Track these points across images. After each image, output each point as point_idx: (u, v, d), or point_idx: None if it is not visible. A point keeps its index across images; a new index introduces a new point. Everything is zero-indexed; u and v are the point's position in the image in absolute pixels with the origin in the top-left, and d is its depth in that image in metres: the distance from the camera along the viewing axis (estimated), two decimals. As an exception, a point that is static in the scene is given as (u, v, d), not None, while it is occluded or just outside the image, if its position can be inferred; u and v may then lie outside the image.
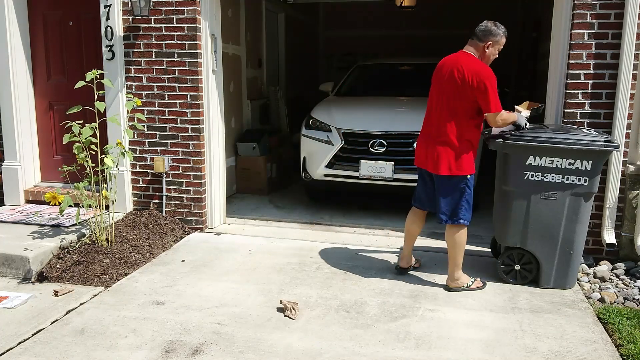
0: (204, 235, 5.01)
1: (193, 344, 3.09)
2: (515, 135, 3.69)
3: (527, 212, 3.75)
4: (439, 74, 3.66)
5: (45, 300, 3.67)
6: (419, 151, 3.81)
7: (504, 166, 3.82)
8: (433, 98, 3.70)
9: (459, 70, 3.51)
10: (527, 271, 3.86)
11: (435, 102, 3.66)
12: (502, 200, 3.90)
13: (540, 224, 3.74)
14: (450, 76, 3.55)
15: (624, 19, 4.05)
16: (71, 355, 2.98)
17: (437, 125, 3.63)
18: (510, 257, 3.88)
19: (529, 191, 3.72)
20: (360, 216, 5.70)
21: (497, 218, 4.07)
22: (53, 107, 5.46)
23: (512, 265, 3.89)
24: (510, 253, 3.88)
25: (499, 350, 3.04)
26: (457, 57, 3.62)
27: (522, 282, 3.88)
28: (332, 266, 4.26)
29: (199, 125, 4.95)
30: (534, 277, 3.86)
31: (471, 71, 3.48)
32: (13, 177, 5.38)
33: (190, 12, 4.77)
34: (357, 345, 3.07)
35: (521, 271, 3.87)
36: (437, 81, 3.67)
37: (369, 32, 10.98)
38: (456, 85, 3.51)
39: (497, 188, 4.04)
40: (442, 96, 3.60)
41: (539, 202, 3.72)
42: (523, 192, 3.74)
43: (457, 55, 3.64)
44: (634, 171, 4.23)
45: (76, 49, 5.30)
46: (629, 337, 3.14)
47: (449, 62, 3.62)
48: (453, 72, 3.54)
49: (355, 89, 6.82)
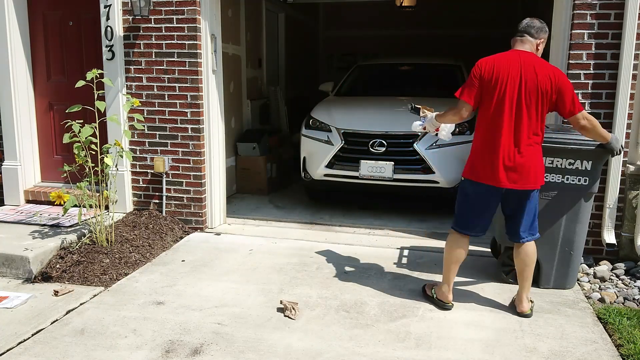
0: (204, 235, 5.01)
1: (193, 344, 3.09)
2: None
3: None
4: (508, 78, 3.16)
5: (45, 300, 3.67)
6: (494, 170, 3.22)
7: None
8: (505, 105, 3.17)
9: (543, 73, 3.15)
10: None
11: (510, 110, 3.17)
12: None
13: (540, 224, 3.73)
14: (532, 81, 3.14)
15: (624, 19, 4.05)
16: (71, 355, 2.98)
17: (518, 135, 3.19)
18: (510, 257, 3.88)
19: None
20: (360, 216, 5.70)
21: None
22: (53, 107, 5.46)
23: (512, 265, 3.88)
24: (510, 253, 3.87)
25: (499, 350, 3.04)
26: (529, 57, 3.20)
27: None
28: (332, 266, 4.26)
29: (199, 125, 4.95)
30: (534, 277, 3.85)
31: (553, 72, 3.16)
32: (13, 177, 5.38)
33: (190, 12, 4.77)
34: (357, 345, 3.07)
35: None
36: (510, 86, 3.16)
37: (369, 32, 10.98)
38: (542, 90, 3.14)
39: None
40: (520, 102, 3.16)
41: (539, 202, 3.71)
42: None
43: (524, 55, 3.22)
44: (634, 171, 4.23)
45: (76, 49, 5.30)
46: (629, 337, 3.14)
47: (524, 64, 3.17)
48: (537, 75, 3.14)
49: (355, 89, 6.82)
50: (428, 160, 5.23)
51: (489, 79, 3.20)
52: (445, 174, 5.24)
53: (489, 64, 3.23)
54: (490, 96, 3.21)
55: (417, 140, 5.27)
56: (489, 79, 3.20)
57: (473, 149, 3.38)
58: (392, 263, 4.34)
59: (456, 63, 6.89)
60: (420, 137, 5.28)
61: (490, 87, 3.20)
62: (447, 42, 10.28)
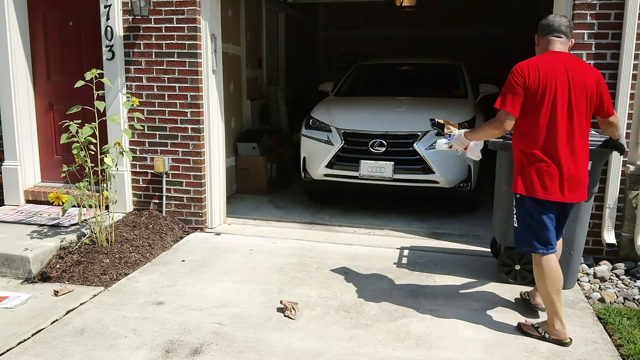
0: (204, 235, 5.01)
1: (193, 344, 3.09)
2: None
3: None
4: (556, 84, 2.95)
5: (45, 300, 3.67)
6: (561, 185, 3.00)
7: (505, 166, 3.81)
8: (557, 114, 2.96)
9: (590, 76, 3.00)
10: (528, 271, 3.85)
11: (562, 118, 2.97)
12: (503, 201, 3.89)
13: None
14: (581, 86, 2.98)
15: (624, 19, 4.05)
16: (71, 355, 2.98)
17: (572, 144, 3.00)
18: (510, 257, 3.88)
19: None
20: (360, 216, 5.70)
21: (497, 218, 4.07)
22: (53, 107, 5.46)
23: (512, 265, 3.89)
24: (510, 253, 3.88)
25: (499, 350, 3.04)
26: (572, 60, 3.02)
27: (523, 282, 3.87)
28: (332, 266, 4.26)
29: (199, 125, 4.95)
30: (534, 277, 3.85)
31: (597, 75, 3.04)
32: (13, 177, 5.38)
33: (190, 12, 4.78)
34: (357, 345, 3.07)
35: (521, 271, 3.87)
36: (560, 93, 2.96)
37: (369, 32, 10.98)
38: (589, 95, 3.00)
39: (497, 188, 4.03)
40: (572, 109, 2.98)
41: None
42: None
43: (565, 57, 3.03)
44: (634, 171, 4.23)
45: (76, 49, 5.30)
46: (629, 337, 3.14)
47: (569, 68, 2.98)
48: (585, 80, 2.98)
49: (355, 89, 6.82)
50: (428, 160, 5.23)
51: (535, 87, 2.94)
52: (445, 174, 5.24)
53: (532, 70, 2.96)
54: (538, 105, 2.96)
55: (417, 140, 5.27)
56: (535, 87, 2.94)
57: (526, 162, 3.05)
58: (392, 263, 4.34)
59: (456, 63, 6.89)
60: (420, 137, 5.28)
61: (538, 95, 2.95)
62: (447, 42, 10.28)
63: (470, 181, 5.32)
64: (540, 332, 3.15)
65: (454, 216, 5.69)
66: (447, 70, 6.85)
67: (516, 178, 3.10)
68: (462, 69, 6.75)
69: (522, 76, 2.96)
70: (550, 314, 3.11)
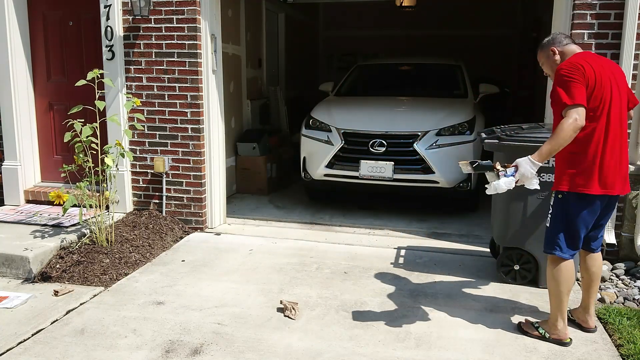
0: (204, 235, 5.01)
1: (193, 344, 3.09)
2: (510, 136, 3.69)
3: (524, 212, 3.75)
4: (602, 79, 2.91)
5: (45, 300, 3.67)
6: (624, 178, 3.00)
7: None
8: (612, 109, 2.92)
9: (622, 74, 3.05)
10: (527, 271, 3.86)
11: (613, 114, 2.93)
12: (500, 201, 3.90)
13: (537, 224, 3.73)
14: (621, 78, 3.01)
15: (624, 19, 4.05)
16: (71, 355, 2.98)
17: (620, 140, 2.98)
18: (509, 257, 3.88)
19: (525, 191, 3.71)
20: (360, 216, 5.70)
21: (495, 219, 4.07)
22: (53, 107, 5.46)
23: (511, 265, 3.89)
24: (509, 253, 3.88)
25: (499, 350, 3.04)
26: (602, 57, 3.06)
27: (522, 282, 3.87)
28: (332, 266, 4.26)
29: (199, 125, 4.95)
30: (533, 276, 3.86)
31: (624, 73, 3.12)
32: (13, 177, 5.38)
33: (190, 12, 4.77)
34: (357, 345, 3.07)
35: (520, 271, 3.87)
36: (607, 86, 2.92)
37: (369, 32, 10.98)
38: (625, 91, 3.03)
39: None
40: (619, 105, 2.95)
41: (535, 202, 3.72)
42: (520, 193, 3.73)
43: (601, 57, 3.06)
44: (634, 171, 4.23)
45: (76, 49, 5.30)
46: (629, 337, 3.14)
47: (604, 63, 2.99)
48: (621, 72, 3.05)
49: (355, 89, 6.82)
50: (428, 160, 5.23)
51: (593, 81, 2.86)
52: (445, 174, 5.24)
53: (585, 65, 2.88)
54: (595, 100, 2.88)
55: (417, 140, 5.27)
56: (593, 81, 2.86)
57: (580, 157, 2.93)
58: (392, 263, 4.34)
59: (456, 63, 6.90)
60: (420, 137, 5.28)
61: (594, 89, 2.87)
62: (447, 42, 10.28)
63: (470, 181, 5.32)
64: (541, 332, 3.14)
65: (454, 216, 5.69)
66: (447, 70, 6.85)
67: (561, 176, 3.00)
68: (462, 69, 6.75)
69: (579, 71, 2.86)
70: (554, 313, 3.10)
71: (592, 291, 3.22)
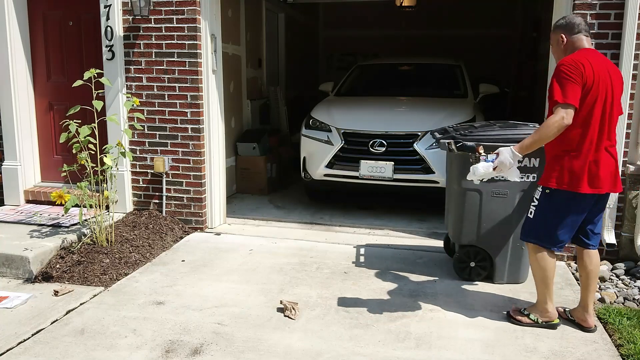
0: (204, 235, 5.01)
1: (193, 344, 3.09)
2: (463, 135, 3.69)
3: (480, 210, 3.77)
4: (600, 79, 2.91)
5: (45, 300, 3.67)
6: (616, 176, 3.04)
7: (455, 165, 3.83)
8: (606, 108, 2.94)
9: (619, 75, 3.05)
10: (482, 268, 3.91)
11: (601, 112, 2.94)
12: (455, 200, 3.92)
13: (492, 221, 3.77)
14: (617, 81, 3.02)
15: (624, 19, 4.05)
16: (71, 355, 2.98)
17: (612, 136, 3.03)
18: (467, 255, 3.91)
19: (480, 189, 3.73)
20: (360, 216, 5.70)
21: (450, 217, 4.09)
22: (53, 107, 5.46)
23: (467, 262, 3.92)
24: (466, 250, 3.91)
25: (499, 350, 3.04)
26: (604, 58, 3.04)
27: (477, 278, 3.93)
28: (332, 266, 4.26)
29: (199, 125, 4.95)
30: (489, 273, 3.91)
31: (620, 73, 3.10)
32: (13, 177, 5.38)
33: (190, 12, 4.78)
34: (357, 345, 3.07)
35: (476, 268, 3.92)
36: (603, 88, 2.92)
37: (369, 32, 10.98)
38: (619, 90, 3.03)
39: (449, 187, 4.07)
40: (607, 103, 2.95)
41: (490, 200, 3.74)
42: (474, 191, 3.74)
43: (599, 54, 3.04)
44: (634, 171, 4.23)
45: (76, 49, 5.30)
46: (629, 337, 3.14)
47: (604, 65, 2.97)
48: (619, 76, 3.04)
49: (355, 89, 6.82)
50: (428, 160, 5.23)
51: (591, 82, 2.87)
52: (445, 174, 5.23)
53: (586, 64, 2.88)
54: (590, 99, 2.89)
55: (417, 140, 5.28)
56: (591, 82, 2.87)
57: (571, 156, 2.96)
58: (392, 263, 4.34)
59: (456, 63, 6.90)
60: (420, 137, 5.28)
61: (590, 89, 2.88)
62: (447, 42, 10.29)
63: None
64: (532, 319, 3.24)
65: (454, 216, 5.69)
66: (447, 70, 6.85)
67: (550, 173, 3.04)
68: (462, 69, 6.75)
69: (579, 70, 2.86)
70: (542, 296, 3.22)
71: (590, 290, 3.24)
